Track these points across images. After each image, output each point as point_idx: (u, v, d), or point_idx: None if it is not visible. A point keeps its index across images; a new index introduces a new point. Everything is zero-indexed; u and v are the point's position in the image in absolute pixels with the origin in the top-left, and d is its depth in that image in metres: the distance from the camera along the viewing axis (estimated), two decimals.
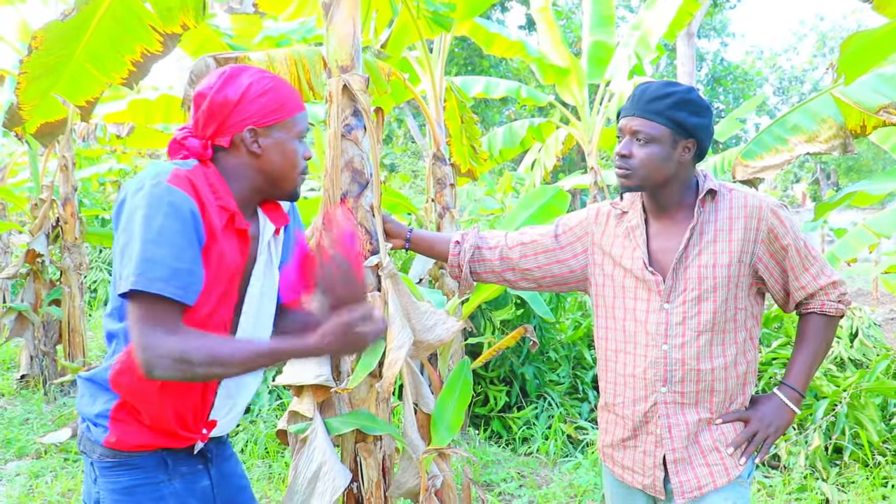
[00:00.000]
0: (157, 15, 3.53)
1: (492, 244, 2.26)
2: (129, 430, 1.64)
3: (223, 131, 1.66)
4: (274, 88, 1.68)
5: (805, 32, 40.52)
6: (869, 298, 14.20)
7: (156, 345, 1.46)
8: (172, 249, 1.49)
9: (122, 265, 1.50)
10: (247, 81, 1.66)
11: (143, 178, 1.54)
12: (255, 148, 1.67)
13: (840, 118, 3.59)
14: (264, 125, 1.66)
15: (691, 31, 16.97)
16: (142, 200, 1.50)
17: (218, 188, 1.64)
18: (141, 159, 14.18)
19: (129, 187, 1.55)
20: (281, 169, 1.71)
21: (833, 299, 2.02)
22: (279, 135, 1.69)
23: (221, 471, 1.84)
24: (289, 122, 1.70)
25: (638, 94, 1.95)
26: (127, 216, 1.52)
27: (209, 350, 1.49)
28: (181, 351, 1.46)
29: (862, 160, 28.25)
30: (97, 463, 1.67)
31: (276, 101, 1.68)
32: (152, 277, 1.46)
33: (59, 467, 4.75)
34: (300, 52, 3.99)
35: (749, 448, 2.00)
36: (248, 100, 1.65)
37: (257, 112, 1.66)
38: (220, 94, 1.65)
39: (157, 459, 1.68)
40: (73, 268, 6.67)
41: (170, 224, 1.50)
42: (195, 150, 1.67)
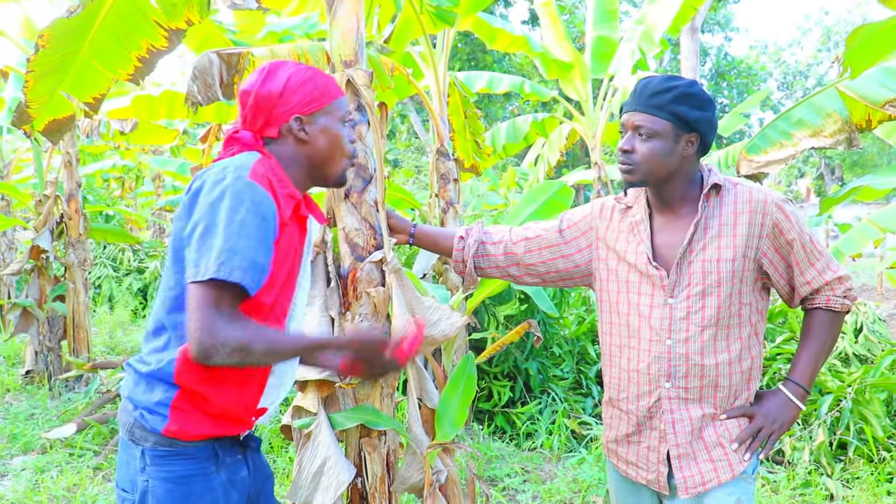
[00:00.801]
0: (162, 10, 3.53)
1: (496, 239, 2.26)
2: (191, 418, 1.68)
3: (270, 123, 1.77)
4: (312, 77, 1.79)
5: (809, 27, 40.40)
6: (874, 294, 14.19)
7: (220, 332, 1.50)
8: (252, 242, 1.56)
9: (200, 253, 1.54)
10: (286, 74, 1.77)
11: (225, 171, 1.61)
12: (302, 135, 1.77)
13: (845, 112, 3.57)
14: (308, 112, 1.77)
15: (695, 26, 16.88)
16: (224, 192, 1.57)
17: (281, 177, 1.73)
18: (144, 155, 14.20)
19: (208, 178, 1.61)
20: (329, 153, 1.81)
21: (839, 295, 2.01)
22: (324, 120, 1.79)
23: (255, 460, 1.90)
24: (331, 106, 1.80)
25: (640, 88, 1.95)
26: (208, 206, 1.57)
27: (269, 341, 1.57)
28: (243, 340, 1.52)
29: (867, 155, 28.16)
30: (150, 451, 1.68)
31: (317, 89, 1.78)
32: (233, 267, 1.52)
33: (65, 462, 4.76)
34: (303, 48, 3.99)
35: (753, 444, 1.99)
36: (290, 90, 1.75)
37: (300, 101, 1.76)
38: (264, 88, 1.75)
39: (210, 450, 1.72)
40: (78, 264, 6.69)
41: (251, 219, 1.57)
42: (248, 143, 1.76)
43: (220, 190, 1.57)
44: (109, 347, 8.48)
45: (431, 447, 2.38)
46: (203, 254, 1.54)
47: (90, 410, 5.48)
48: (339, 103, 1.83)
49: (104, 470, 4.68)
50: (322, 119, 1.79)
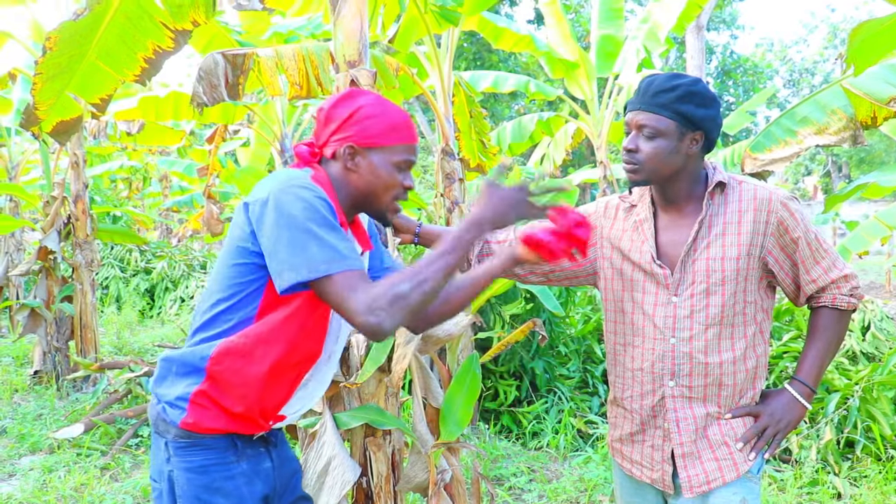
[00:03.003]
0: (168, 12, 3.55)
1: (501, 238, 2.26)
2: (207, 413, 1.74)
3: (329, 143, 1.81)
4: (383, 114, 1.81)
5: (816, 24, 40.39)
6: (882, 291, 14.14)
7: (370, 301, 1.56)
8: (337, 233, 1.64)
9: (295, 254, 1.60)
10: (361, 102, 1.80)
11: (287, 179, 1.68)
12: (349, 164, 1.80)
13: (850, 109, 3.56)
14: (363, 145, 1.79)
15: (701, 24, 16.85)
16: (297, 195, 1.64)
17: (331, 194, 1.77)
18: (152, 156, 14.25)
19: (272, 187, 1.66)
20: (371, 189, 1.82)
21: (845, 293, 2.00)
22: (376, 158, 1.80)
23: (280, 454, 1.94)
24: (389, 148, 1.80)
25: (644, 87, 1.94)
26: (282, 211, 1.63)
27: (409, 275, 1.60)
28: (388, 291, 1.57)
29: (874, 152, 28.05)
30: (172, 443, 1.76)
31: (381, 127, 1.79)
32: (337, 258, 1.60)
33: (73, 462, 4.78)
34: (308, 48, 3.99)
35: (759, 443, 1.98)
36: (356, 119, 1.78)
37: (360, 132, 1.78)
38: (335, 109, 1.81)
39: (227, 441, 1.78)
40: (85, 264, 6.72)
41: (327, 214, 1.64)
42: (302, 156, 1.83)
43: (292, 195, 1.64)
44: (117, 348, 8.52)
45: (436, 446, 2.38)
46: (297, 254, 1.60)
47: (97, 410, 5.51)
48: (401, 148, 1.82)
49: (111, 470, 4.70)
50: (374, 156, 1.80)
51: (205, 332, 1.77)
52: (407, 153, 1.84)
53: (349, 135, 1.79)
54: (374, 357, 2.22)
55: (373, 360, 2.21)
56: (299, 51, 3.97)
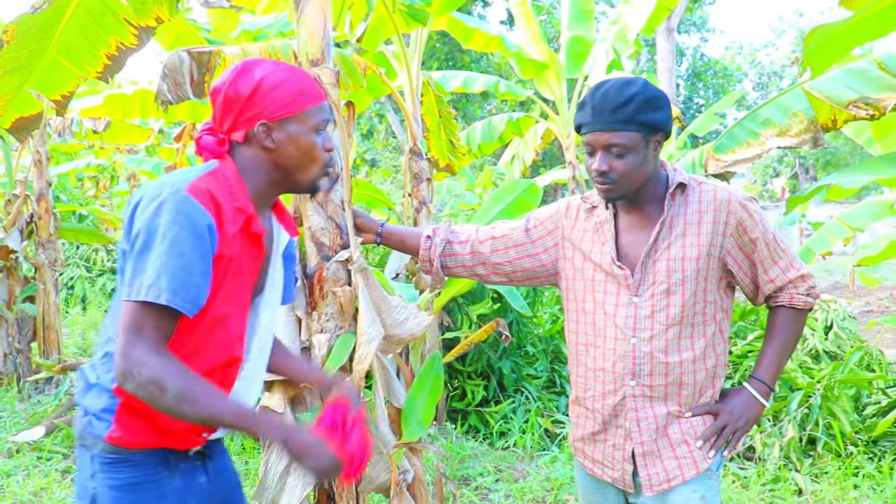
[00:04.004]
0: (131, 8, 3.50)
1: (462, 238, 2.26)
2: (135, 427, 1.62)
3: (237, 126, 1.67)
4: (287, 80, 1.67)
5: (784, 28, 40.84)
6: (846, 291, 14.35)
7: (139, 359, 1.45)
8: (185, 261, 1.48)
9: (134, 273, 1.49)
10: (259, 75, 1.65)
11: (163, 186, 1.53)
12: (268, 143, 1.67)
13: (811, 112, 3.61)
14: (276, 119, 1.66)
15: (671, 27, 17.03)
16: (159, 210, 1.50)
17: (235, 188, 1.64)
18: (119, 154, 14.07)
19: (147, 193, 1.54)
20: (297, 163, 1.71)
21: (802, 292, 2.03)
22: (293, 128, 1.68)
23: (216, 467, 1.84)
24: (303, 114, 1.68)
25: (598, 104, 1.89)
26: (143, 222, 1.50)
27: (185, 385, 1.47)
28: (159, 373, 1.45)
29: (839, 154, 28.47)
30: (98, 457, 1.64)
31: (289, 94, 1.66)
32: (161, 289, 1.46)
33: (32, 466, 4.71)
34: (275, 47, 3.96)
35: (718, 441, 2.00)
36: (260, 93, 1.64)
37: (269, 106, 1.65)
38: (233, 88, 1.66)
39: (159, 457, 1.67)
40: (48, 264, 6.62)
41: (184, 236, 1.49)
42: (210, 148, 1.68)
43: (156, 205, 1.50)
44: (81, 349, 8.40)
45: (397, 446, 2.38)
46: (136, 274, 1.49)
47: (59, 413, 5.42)
48: (315, 110, 1.71)
49: (72, 473, 4.63)
50: (291, 126, 1.67)
51: (109, 347, 1.64)
52: (321, 113, 1.73)
53: (258, 111, 1.65)
54: (335, 357, 2.21)
55: (334, 360, 2.20)
56: (266, 49, 3.94)
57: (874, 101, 3.46)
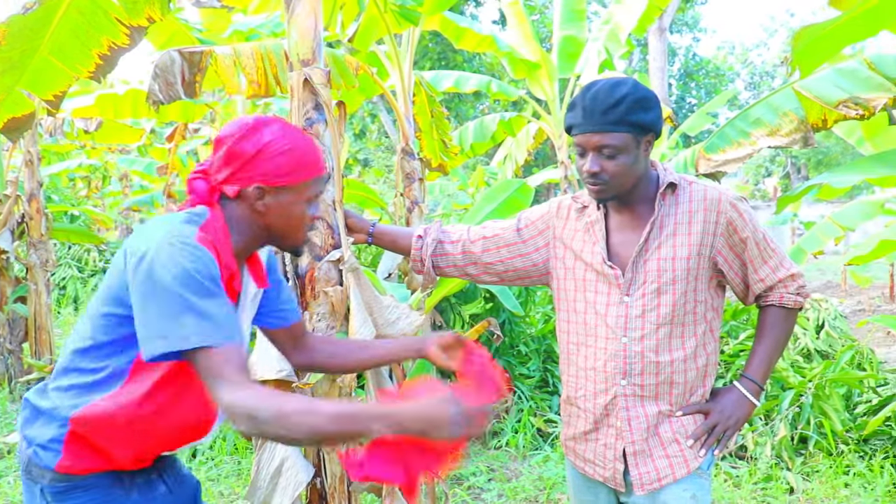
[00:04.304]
0: (123, 7, 3.49)
1: (454, 238, 2.26)
2: (84, 455, 1.59)
3: (233, 181, 1.64)
4: (293, 149, 1.65)
5: (775, 28, 40.99)
6: (838, 290, 14.41)
7: (229, 401, 1.39)
8: (216, 300, 1.47)
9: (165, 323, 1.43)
10: (267, 137, 1.63)
11: (169, 235, 1.49)
12: (258, 205, 1.65)
13: (801, 112, 3.63)
14: (273, 185, 1.64)
15: (663, 27, 17.08)
16: (175, 256, 1.46)
17: (223, 244, 1.61)
18: (111, 154, 14.04)
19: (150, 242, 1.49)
20: (283, 229, 1.70)
21: (792, 292, 2.04)
22: (286, 197, 1.66)
23: (176, 474, 1.81)
24: (301, 185, 1.67)
25: (589, 105, 1.89)
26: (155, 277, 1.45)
27: (278, 408, 1.36)
28: (250, 407, 1.37)
29: (831, 154, 28.61)
30: (48, 488, 1.59)
31: (291, 164, 1.64)
32: (212, 330, 1.43)
33: (14, 470, 4.69)
34: (267, 47, 3.96)
35: (709, 440, 2.01)
36: (263, 157, 1.62)
37: (269, 171, 1.63)
38: (239, 144, 1.63)
39: (111, 477, 1.64)
40: (40, 265, 6.60)
41: (209, 280, 1.47)
42: (200, 194, 1.65)
43: (170, 254, 1.46)
44: None
45: None
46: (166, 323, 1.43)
47: None
48: (311, 183, 1.68)
49: None
50: (285, 196, 1.65)
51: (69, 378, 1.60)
52: (317, 186, 1.72)
53: (256, 174, 1.63)
54: None
55: None
56: (257, 49, 3.94)
57: (864, 100, 3.48)
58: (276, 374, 2.21)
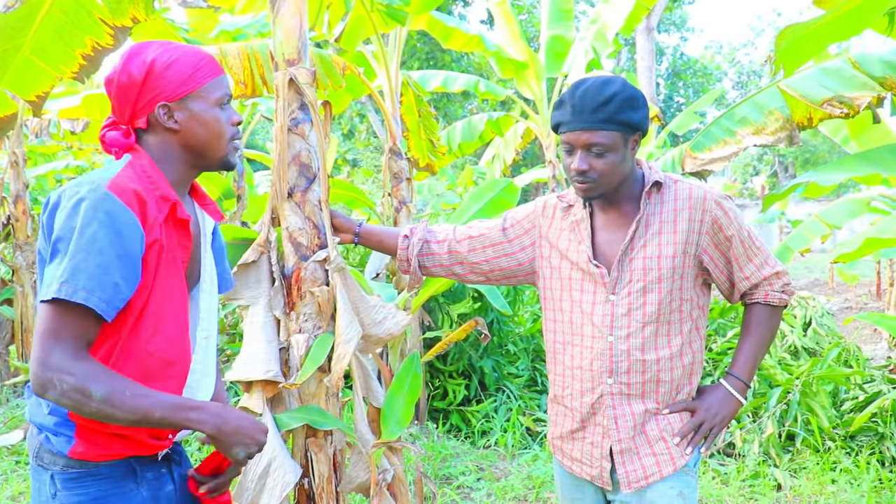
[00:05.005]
0: (107, 7, 3.47)
1: (440, 238, 2.26)
2: (98, 440, 1.55)
3: (137, 113, 1.61)
4: (180, 58, 1.61)
5: (762, 27, 41.18)
6: (825, 288, 14.49)
7: (60, 365, 1.36)
8: (104, 259, 1.42)
9: (50, 272, 1.42)
10: (150, 56, 1.59)
11: (81, 184, 1.48)
12: (171, 124, 1.61)
13: (787, 111, 3.65)
14: (176, 98, 1.60)
15: (651, 26, 17.13)
16: (77, 208, 1.44)
17: (154, 178, 1.58)
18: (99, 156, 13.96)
19: (65, 194, 1.48)
20: (205, 140, 1.65)
21: (777, 289, 2.05)
22: (195, 105, 1.62)
23: (182, 473, 1.79)
24: (202, 90, 1.63)
25: (578, 103, 1.89)
26: (62, 223, 1.44)
27: (111, 387, 1.39)
28: (82, 380, 1.36)
29: (818, 152, 28.76)
30: (59, 475, 1.56)
31: (184, 72, 1.61)
32: (77, 287, 1.38)
33: (10, 470, 4.66)
34: (253, 47, 3.96)
35: (695, 438, 2.02)
36: (154, 75, 1.58)
37: (165, 86, 1.59)
38: (125, 74, 1.59)
39: (125, 467, 1.61)
40: (26, 266, 6.56)
41: (103, 234, 1.43)
42: (117, 142, 1.62)
43: (73, 204, 1.44)
44: None
45: (376, 446, 2.37)
46: (49, 272, 1.41)
47: None
48: (213, 84, 1.65)
49: None
50: (192, 104, 1.62)
51: None
52: (221, 87, 1.66)
53: (156, 94, 1.59)
54: (313, 357, 2.20)
55: (312, 360, 2.19)
56: (244, 49, 3.94)
57: (848, 99, 3.50)
58: (263, 375, 2.20)
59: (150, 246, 1.52)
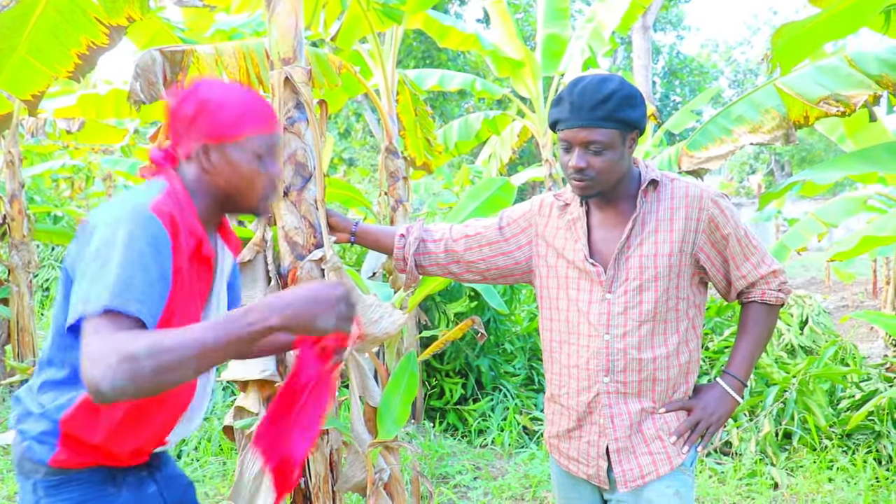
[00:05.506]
0: (102, 7, 3.46)
1: (436, 237, 2.25)
2: (82, 450, 1.58)
3: (182, 143, 1.63)
4: (232, 104, 1.61)
5: (758, 26, 41.23)
6: (822, 287, 14.51)
7: (100, 353, 1.27)
8: (150, 276, 1.41)
9: (92, 285, 1.37)
10: (205, 94, 1.61)
11: (123, 204, 1.48)
12: (207, 165, 1.62)
13: (783, 109, 3.65)
14: (216, 141, 1.60)
15: (647, 25, 17.15)
16: (120, 224, 1.43)
17: (186, 209, 1.59)
18: (95, 155, 13.95)
19: (105, 216, 1.47)
20: (234, 187, 1.64)
21: (773, 288, 2.05)
22: (233, 153, 1.61)
23: (166, 474, 1.80)
24: (244, 140, 1.62)
25: (577, 101, 1.89)
26: (104, 238, 1.42)
27: (151, 338, 1.28)
28: (122, 348, 1.26)
29: (814, 151, 28.80)
30: (41, 483, 1.58)
31: (231, 118, 1.61)
32: (129, 298, 1.35)
33: (7, 470, 4.65)
34: (249, 46, 3.94)
35: (692, 437, 2.01)
36: (203, 114, 1.60)
37: (210, 127, 1.60)
38: (181, 105, 1.61)
39: (104, 473, 1.62)
40: (22, 266, 6.54)
41: (149, 252, 1.42)
42: (157, 161, 1.64)
43: (116, 220, 1.44)
44: None
45: (373, 445, 2.37)
46: (95, 285, 1.36)
47: None
48: (260, 139, 1.63)
49: None
50: (232, 151, 1.61)
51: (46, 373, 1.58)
52: (265, 139, 1.65)
53: (200, 132, 1.59)
54: None
55: None
56: (239, 48, 3.92)
57: (844, 97, 3.50)
58: (259, 375, 2.20)
59: (175, 272, 1.52)
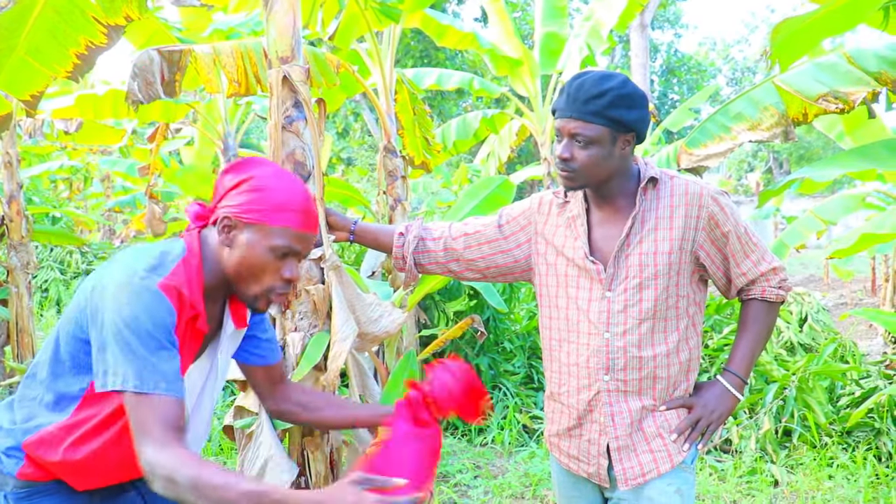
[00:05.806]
0: (100, 6, 3.46)
1: (436, 235, 2.25)
2: (49, 466, 1.60)
3: (216, 208, 1.65)
4: (274, 190, 1.62)
5: (756, 24, 41.24)
6: (821, 284, 14.52)
7: (152, 459, 1.41)
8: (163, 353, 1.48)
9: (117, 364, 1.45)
10: (253, 173, 1.63)
11: (132, 272, 1.50)
12: (225, 238, 1.63)
13: (782, 106, 3.64)
14: (242, 220, 1.60)
15: (645, 23, 17.15)
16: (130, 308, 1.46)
17: (194, 282, 1.60)
18: (93, 156, 13.94)
19: (113, 277, 1.51)
20: (240, 270, 1.64)
21: (774, 285, 2.04)
22: (251, 237, 1.61)
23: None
24: (268, 229, 1.61)
25: (573, 92, 1.89)
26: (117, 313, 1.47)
27: (195, 475, 1.38)
28: (169, 470, 1.39)
29: (812, 149, 28.81)
30: (11, 495, 1.60)
31: (265, 203, 1.60)
32: (158, 380, 1.45)
33: None
34: (247, 45, 3.94)
35: (692, 434, 2.01)
36: (240, 189, 1.61)
37: (242, 204, 1.60)
38: (227, 174, 1.65)
39: None
40: (21, 267, 6.53)
41: (161, 333, 1.48)
42: (191, 216, 1.69)
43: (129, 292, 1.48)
44: None
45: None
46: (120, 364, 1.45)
47: None
48: (283, 233, 1.61)
49: None
50: (251, 234, 1.61)
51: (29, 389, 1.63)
52: (290, 239, 1.63)
53: (231, 205, 1.61)
54: (309, 355, 2.20)
55: (308, 359, 2.19)
56: (237, 47, 3.92)
57: (843, 94, 3.50)
58: None
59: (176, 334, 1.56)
